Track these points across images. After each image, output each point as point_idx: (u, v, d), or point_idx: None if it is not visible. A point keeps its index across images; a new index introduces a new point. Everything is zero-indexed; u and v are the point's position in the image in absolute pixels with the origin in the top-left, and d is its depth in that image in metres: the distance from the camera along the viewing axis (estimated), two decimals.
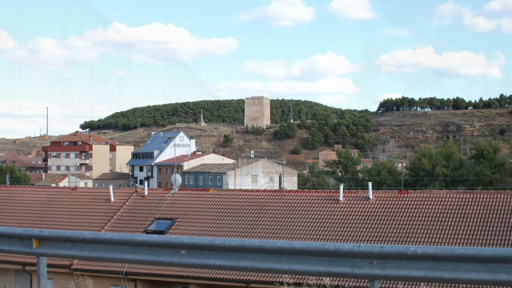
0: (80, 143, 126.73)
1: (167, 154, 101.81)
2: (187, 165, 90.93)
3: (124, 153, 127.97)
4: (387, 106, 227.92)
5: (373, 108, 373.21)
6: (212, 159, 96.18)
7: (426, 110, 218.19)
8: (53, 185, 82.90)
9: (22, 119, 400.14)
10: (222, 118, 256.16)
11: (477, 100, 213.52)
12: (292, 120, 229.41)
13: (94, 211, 26.27)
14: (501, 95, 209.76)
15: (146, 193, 26.71)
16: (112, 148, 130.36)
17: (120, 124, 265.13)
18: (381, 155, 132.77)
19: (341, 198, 23.28)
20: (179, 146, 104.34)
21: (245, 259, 5.16)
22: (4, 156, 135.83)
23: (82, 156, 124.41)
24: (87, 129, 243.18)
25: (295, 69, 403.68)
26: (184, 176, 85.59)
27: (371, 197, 22.94)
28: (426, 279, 4.55)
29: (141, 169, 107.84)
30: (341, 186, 24.14)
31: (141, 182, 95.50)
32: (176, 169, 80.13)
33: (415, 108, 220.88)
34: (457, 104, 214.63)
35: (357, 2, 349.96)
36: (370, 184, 23.76)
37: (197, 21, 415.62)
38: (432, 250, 4.55)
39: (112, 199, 26.71)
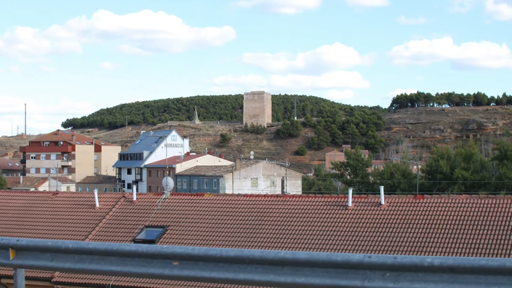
0: (61, 143, 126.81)
1: (158, 155, 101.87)
2: (180, 167, 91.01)
3: (111, 154, 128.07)
4: (401, 102, 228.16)
5: (385, 104, 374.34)
6: (208, 160, 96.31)
7: (443, 106, 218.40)
8: (32, 189, 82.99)
9: None
10: (218, 116, 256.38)
11: (500, 96, 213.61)
12: (295, 117, 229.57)
13: (77, 218, 26.28)
14: None
15: (134, 198, 26.72)
16: (97, 149, 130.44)
17: (106, 122, 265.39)
18: (394, 156, 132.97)
19: (350, 203, 23.29)
20: (171, 147, 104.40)
21: (244, 271, 5.16)
22: None
23: (64, 158, 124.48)
24: (70, 128, 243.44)
25: (299, 62, 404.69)
26: (176, 179, 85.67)
27: (383, 202, 22.94)
28: None
29: (129, 172, 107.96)
30: (350, 191, 24.15)
31: (129, 186, 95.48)
32: (167, 172, 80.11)
33: (431, 104, 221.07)
34: (478, 100, 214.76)
35: None
36: (382, 188, 23.74)
37: (191, 8, 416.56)
38: (451, 261, 4.56)
39: (97, 205, 26.71)
